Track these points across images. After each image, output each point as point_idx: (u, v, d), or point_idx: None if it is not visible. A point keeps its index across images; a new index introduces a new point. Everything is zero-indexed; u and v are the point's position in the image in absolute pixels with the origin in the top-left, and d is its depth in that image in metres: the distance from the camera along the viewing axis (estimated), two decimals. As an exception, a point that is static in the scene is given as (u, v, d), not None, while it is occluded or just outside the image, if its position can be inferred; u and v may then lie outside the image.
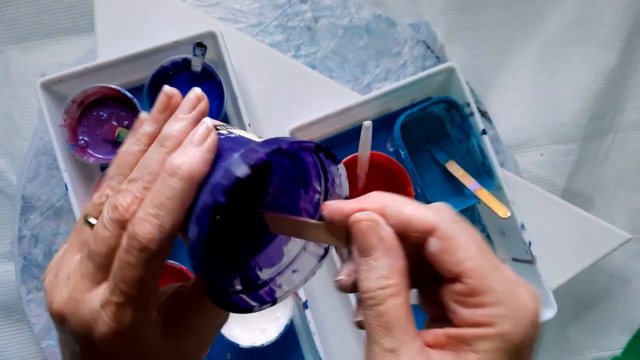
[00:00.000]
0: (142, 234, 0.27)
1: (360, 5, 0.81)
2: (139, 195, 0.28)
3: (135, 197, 0.28)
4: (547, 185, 0.91)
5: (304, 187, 0.35)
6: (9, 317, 0.87)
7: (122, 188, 0.29)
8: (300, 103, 0.77)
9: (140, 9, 0.77)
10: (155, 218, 0.27)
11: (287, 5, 0.80)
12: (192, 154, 0.28)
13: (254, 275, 0.34)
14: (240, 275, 0.34)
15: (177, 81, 0.73)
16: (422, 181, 0.72)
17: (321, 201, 0.34)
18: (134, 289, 0.27)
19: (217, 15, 0.80)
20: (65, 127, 0.70)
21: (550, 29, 0.94)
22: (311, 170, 0.34)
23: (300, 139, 0.29)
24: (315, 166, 0.33)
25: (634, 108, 0.94)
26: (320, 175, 0.33)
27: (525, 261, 0.72)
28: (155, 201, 0.27)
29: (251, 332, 0.70)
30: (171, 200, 0.27)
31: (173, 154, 0.28)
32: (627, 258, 0.91)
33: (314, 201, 0.35)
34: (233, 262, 0.35)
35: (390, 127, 0.75)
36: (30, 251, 0.76)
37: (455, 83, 0.72)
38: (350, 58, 0.80)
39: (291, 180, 0.36)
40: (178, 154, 0.28)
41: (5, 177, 0.88)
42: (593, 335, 0.91)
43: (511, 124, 0.92)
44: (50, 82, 0.69)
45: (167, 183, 0.27)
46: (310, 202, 0.35)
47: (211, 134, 0.29)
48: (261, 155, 0.27)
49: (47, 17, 0.91)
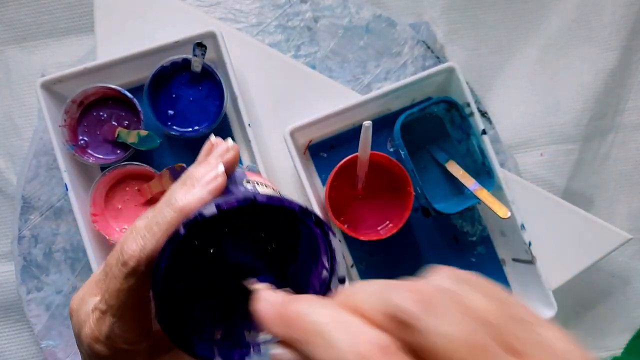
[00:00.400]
0: (126, 250, 0.29)
1: (360, 5, 0.81)
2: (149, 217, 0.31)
3: (147, 217, 0.31)
4: (548, 185, 0.90)
5: (315, 261, 0.33)
6: (9, 317, 0.87)
7: (148, 211, 0.32)
8: (300, 103, 0.77)
9: (140, 9, 0.77)
10: (142, 239, 0.29)
11: (287, 5, 0.80)
12: (193, 192, 0.30)
13: (240, 333, 0.32)
14: (225, 328, 0.33)
15: (177, 81, 0.73)
16: (422, 181, 0.72)
17: (327, 279, 0.32)
18: (114, 299, 0.29)
19: (217, 15, 0.80)
20: (65, 127, 0.70)
21: (550, 29, 0.93)
22: (320, 243, 0.32)
23: (288, 199, 0.29)
24: (322, 238, 0.31)
25: (635, 108, 0.94)
26: (327, 249, 0.32)
27: (525, 261, 0.72)
28: (148, 225, 0.30)
29: None
30: (158, 226, 0.29)
31: (180, 190, 0.31)
32: (627, 258, 0.91)
33: (321, 278, 0.33)
34: (226, 313, 0.35)
35: (390, 127, 0.75)
36: (30, 251, 0.76)
37: (455, 83, 0.72)
38: (350, 58, 0.80)
39: (308, 252, 0.35)
40: (183, 189, 0.31)
41: (5, 177, 0.88)
42: (593, 335, 0.91)
43: (511, 124, 0.92)
44: (50, 82, 0.69)
45: (162, 211, 0.30)
46: (318, 278, 0.33)
47: (218, 179, 0.31)
48: (232, 201, 0.28)
49: (46, 17, 0.91)
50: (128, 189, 0.73)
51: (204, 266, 0.35)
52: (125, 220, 0.72)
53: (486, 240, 0.77)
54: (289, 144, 0.69)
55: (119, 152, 0.72)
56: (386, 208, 0.72)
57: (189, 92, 0.73)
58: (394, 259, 0.75)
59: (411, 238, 0.76)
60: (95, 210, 0.70)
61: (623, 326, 0.92)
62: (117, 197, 0.73)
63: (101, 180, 0.70)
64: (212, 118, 0.73)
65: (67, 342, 0.74)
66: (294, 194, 0.76)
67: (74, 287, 0.75)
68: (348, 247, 0.75)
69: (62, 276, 0.75)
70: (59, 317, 0.75)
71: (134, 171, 0.71)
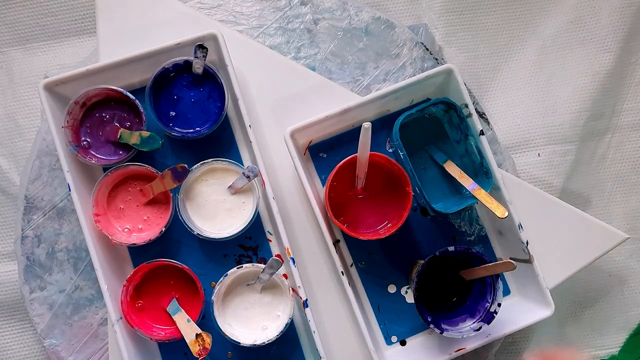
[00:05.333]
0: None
1: (359, 7, 0.82)
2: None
3: None
4: (545, 185, 0.91)
5: (483, 294, 0.70)
6: (12, 317, 0.87)
7: None
8: (301, 104, 0.78)
9: (142, 11, 0.78)
10: None
11: (287, 8, 0.81)
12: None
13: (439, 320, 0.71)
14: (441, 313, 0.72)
15: (179, 83, 0.74)
16: (420, 181, 0.73)
17: (490, 309, 0.68)
18: None
19: (218, 18, 0.81)
20: (68, 128, 0.71)
21: (547, 31, 0.94)
22: (488, 284, 0.69)
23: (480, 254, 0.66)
24: (490, 281, 0.69)
25: (631, 109, 0.95)
26: (492, 288, 0.68)
27: (522, 260, 0.73)
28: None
29: (252, 330, 0.71)
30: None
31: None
32: (624, 257, 0.92)
33: (485, 306, 0.69)
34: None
35: (389, 127, 0.76)
36: (33, 251, 0.76)
37: (453, 84, 0.72)
38: (350, 60, 0.81)
39: (480, 287, 0.71)
40: None
41: (8, 178, 0.88)
42: (590, 333, 0.92)
43: (509, 125, 0.93)
44: (53, 84, 0.70)
45: None
46: (483, 306, 0.69)
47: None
48: (447, 251, 0.68)
49: (49, 19, 0.92)
50: (130, 189, 0.73)
51: (433, 281, 0.72)
52: (127, 220, 0.73)
53: (484, 240, 0.78)
54: (289, 144, 0.69)
55: (121, 153, 0.73)
56: (385, 208, 0.73)
57: (190, 94, 0.74)
58: (393, 258, 0.76)
59: (410, 237, 0.77)
60: (98, 210, 0.71)
61: (620, 324, 0.92)
62: (119, 197, 0.73)
63: (103, 181, 0.71)
64: (213, 119, 0.73)
65: (70, 341, 0.75)
66: (295, 194, 0.77)
67: (77, 286, 0.76)
68: (347, 247, 0.76)
69: (65, 275, 0.76)
70: (62, 316, 0.75)
71: (136, 172, 0.72)
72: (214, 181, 0.73)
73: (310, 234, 0.76)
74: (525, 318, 0.72)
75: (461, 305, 0.72)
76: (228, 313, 0.71)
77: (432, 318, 0.67)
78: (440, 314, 0.71)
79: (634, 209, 0.94)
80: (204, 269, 0.74)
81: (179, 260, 0.70)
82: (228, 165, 0.72)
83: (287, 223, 0.75)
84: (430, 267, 0.69)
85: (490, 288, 0.68)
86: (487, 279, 0.68)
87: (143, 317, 0.71)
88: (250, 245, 0.76)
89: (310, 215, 0.76)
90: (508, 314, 0.72)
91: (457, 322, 0.70)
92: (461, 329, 0.69)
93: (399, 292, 0.76)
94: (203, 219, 0.72)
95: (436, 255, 0.67)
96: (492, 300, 0.68)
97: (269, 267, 0.66)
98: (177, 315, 0.69)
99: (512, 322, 0.71)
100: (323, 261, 0.76)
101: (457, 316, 0.71)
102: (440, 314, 0.70)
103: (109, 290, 0.68)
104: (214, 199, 0.73)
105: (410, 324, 0.75)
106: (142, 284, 0.72)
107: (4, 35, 0.91)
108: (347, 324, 0.75)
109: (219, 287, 0.69)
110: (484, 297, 0.69)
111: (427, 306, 0.68)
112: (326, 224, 0.70)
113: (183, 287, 0.72)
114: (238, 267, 0.69)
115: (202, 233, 0.70)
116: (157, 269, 0.71)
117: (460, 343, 0.71)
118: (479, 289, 0.71)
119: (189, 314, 0.69)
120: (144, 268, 0.69)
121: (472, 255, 0.67)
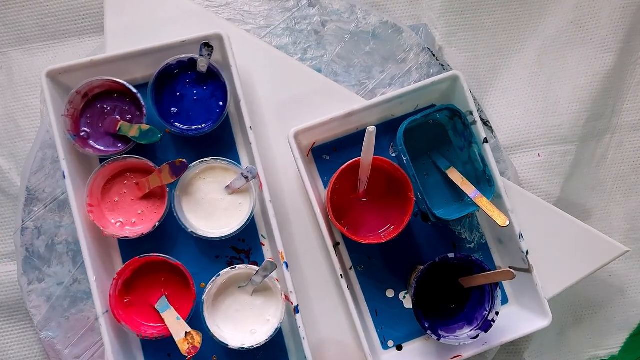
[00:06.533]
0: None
1: (367, 11, 0.82)
2: None
3: None
4: (545, 185, 0.91)
5: (481, 303, 0.70)
6: (12, 317, 0.87)
7: None
8: (305, 105, 0.78)
9: (150, 8, 0.78)
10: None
11: (295, 9, 0.81)
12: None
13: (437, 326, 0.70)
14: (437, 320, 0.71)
15: (182, 80, 0.73)
16: (423, 187, 0.73)
17: (487, 317, 0.68)
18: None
19: (226, 16, 0.81)
20: (68, 117, 0.70)
21: (547, 31, 0.94)
22: (486, 292, 0.69)
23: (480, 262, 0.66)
24: (489, 290, 0.68)
25: (631, 109, 0.95)
26: (490, 297, 0.68)
27: (522, 270, 0.73)
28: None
29: (241, 333, 0.70)
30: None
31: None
32: (624, 258, 0.91)
33: (483, 314, 0.69)
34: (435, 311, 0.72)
35: (393, 132, 0.76)
36: (33, 242, 0.76)
37: (459, 91, 0.72)
38: (356, 63, 0.81)
39: (478, 294, 0.71)
40: None
41: (8, 178, 0.88)
42: (591, 333, 0.92)
43: (509, 125, 0.93)
44: (56, 72, 0.70)
45: None
46: (481, 313, 0.69)
47: None
48: (447, 258, 0.68)
49: (49, 20, 0.92)
50: (126, 182, 0.73)
51: (432, 287, 0.72)
52: (121, 213, 0.72)
53: (484, 248, 0.78)
54: (292, 145, 0.69)
55: (120, 145, 0.72)
56: (387, 212, 0.73)
57: (193, 91, 0.74)
58: (392, 263, 0.76)
59: (410, 243, 0.77)
60: (92, 201, 0.70)
61: (620, 325, 0.92)
62: (114, 189, 0.73)
63: (99, 172, 0.70)
64: (214, 118, 0.73)
65: (67, 334, 0.75)
66: (296, 195, 0.77)
67: (75, 279, 0.76)
68: (347, 250, 0.76)
69: (63, 268, 0.76)
70: (59, 308, 0.75)
71: (133, 164, 0.72)
72: (212, 180, 0.72)
73: (310, 236, 0.76)
74: (523, 327, 0.71)
75: (459, 313, 0.72)
76: (218, 314, 0.70)
77: (429, 324, 0.67)
78: (438, 320, 0.71)
79: (634, 209, 0.94)
80: (194, 268, 0.73)
81: (175, 257, 0.70)
82: (227, 164, 0.71)
83: (286, 225, 0.75)
84: (430, 273, 0.69)
85: (489, 296, 0.68)
86: (485, 287, 0.68)
87: (131, 312, 0.70)
88: (243, 248, 0.75)
89: (311, 217, 0.76)
90: (505, 322, 0.72)
91: (454, 329, 0.70)
92: (458, 336, 0.69)
93: (397, 297, 0.76)
94: (198, 217, 0.72)
95: (436, 262, 0.67)
96: (490, 308, 0.68)
97: (263, 269, 0.65)
98: (166, 313, 0.68)
99: (509, 330, 0.71)
100: (321, 263, 0.76)
101: (455, 323, 0.71)
102: (437, 320, 0.70)
103: (97, 282, 0.67)
104: (210, 198, 0.72)
105: (408, 329, 0.75)
106: (132, 279, 0.71)
107: (4, 35, 0.91)
108: (343, 326, 0.75)
109: (210, 287, 0.68)
110: (482, 305, 0.69)
111: (425, 312, 0.68)
112: (327, 226, 0.70)
113: (174, 285, 0.71)
114: (231, 267, 0.69)
115: (196, 231, 0.70)
116: (148, 265, 0.70)
117: (457, 350, 0.70)
118: (477, 297, 0.70)
119: (179, 313, 0.68)
120: (135, 262, 0.69)
121: (472, 262, 0.67)
